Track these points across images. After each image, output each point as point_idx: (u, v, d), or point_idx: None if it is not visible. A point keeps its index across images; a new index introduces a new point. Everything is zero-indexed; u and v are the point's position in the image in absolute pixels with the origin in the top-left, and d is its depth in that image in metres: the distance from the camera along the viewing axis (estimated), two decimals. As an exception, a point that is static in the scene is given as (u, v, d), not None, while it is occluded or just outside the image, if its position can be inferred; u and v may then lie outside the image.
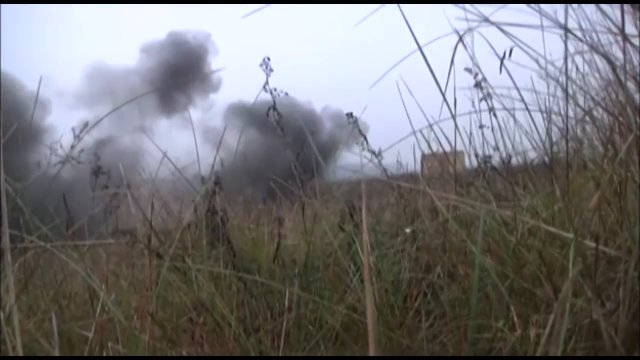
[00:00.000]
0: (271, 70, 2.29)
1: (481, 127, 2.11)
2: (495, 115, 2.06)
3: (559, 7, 1.35)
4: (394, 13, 1.43)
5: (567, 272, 1.11)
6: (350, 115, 2.38)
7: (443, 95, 1.44)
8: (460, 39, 1.43)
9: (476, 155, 2.16)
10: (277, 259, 1.99)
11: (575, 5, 1.44)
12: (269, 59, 2.30)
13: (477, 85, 2.06)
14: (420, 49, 1.35)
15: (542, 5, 1.30)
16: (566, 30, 1.19)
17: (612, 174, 1.22)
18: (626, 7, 1.25)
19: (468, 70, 1.98)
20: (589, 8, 1.40)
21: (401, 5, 1.41)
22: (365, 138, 2.43)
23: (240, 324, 1.57)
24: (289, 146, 2.31)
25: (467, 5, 1.33)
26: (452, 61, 1.45)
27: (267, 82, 2.29)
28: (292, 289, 1.68)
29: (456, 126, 1.69)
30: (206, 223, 1.91)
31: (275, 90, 2.32)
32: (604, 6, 1.30)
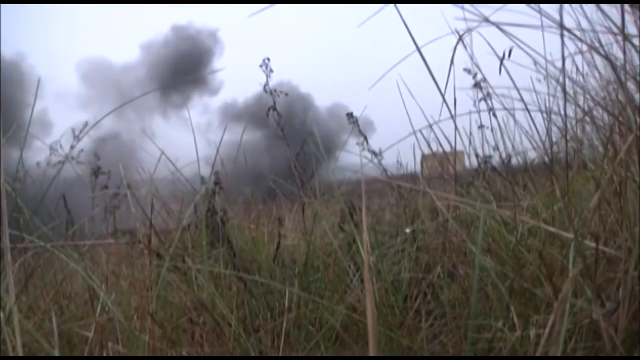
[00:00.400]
0: (271, 71, 2.29)
1: (481, 127, 2.12)
2: (495, 115, 2.06)
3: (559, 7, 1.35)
4: (396, 12, 1.43)
5: (567, 272, 1.11)
6: (350, 115, 2.37)
7: (442, 96, 1.45)
8: (460, 39, 1.43)
9: (476, 155, 2.16)
10: (277, 259, 1.99)
11: (575, 5, 1.44)
12: (268, 59, 2.30)
13: (477, 85, 2.06)
14: (418, 49, 1.35)
15: (542, 5, 1.29)
16: (562, 27, 1.19)
17: (612, 174, 1.22)
18: (626, 7, 1.24)
19: (467, 70, 1.98)
20: (589, 8, 1.40)
21: (402, 5, 1.41)
22: (365, 138, 2.42)
23: (240, 324, 1.57)
24: (289, 147, 2.30)
25: (467, 5, 1.33)
26: (451, 61, 1.45)
27: (267, 83, 2.29)
28: (292, 289, 1.68)
29: (455, 127, 1.69)
30: (206, 223, 1.91)
31: (275, 91, 2.32)
32: (604, 6, 1.30)
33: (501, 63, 1.52)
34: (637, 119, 1.18)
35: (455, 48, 1.43)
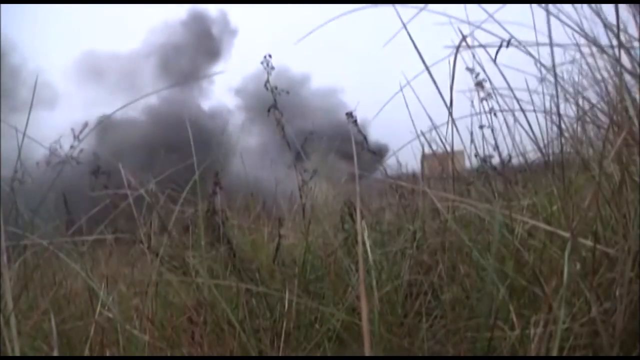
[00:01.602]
0: (272, 68, 2.28)
1: (481, 127, 2.11)
2: (495, 115, 2.05)
3: (561, 6, 1.35)
4: (398, 10, 1.43)
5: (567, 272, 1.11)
6: (350, 115, 2.36)
7: (443, 99, 1.44)
8: (464, 39, 1.43)
9: (476, 155, 2.15)
10: (277, 259, 1.99)
11: (576, 5, 1.44)
12: (270, 56, 2.29)
13: (478, 85, 2.05)
14: (420, 54, 1.35)
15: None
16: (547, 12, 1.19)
17: (611, 174, 1.22)
18: (627, 6, 1.25)
19: (470, 70, 1.97)
20: (589, 7, 1.40)
21: (405, 5, 1.41)
22: (365, 138, 2.41)
23: (240, 324, 1.57)
24: (289, 147, 2.30)
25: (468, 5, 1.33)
26: (454, 61, 1.45)
27: (268, 80, 2.28)
28: (291, 296, 1.67)
29: (455, 127, 1.68)
30: (206, 223, 1.91)
31: (276, 89, 2.31)
32: (605, 6, 1.30)
33: (497, 53, 1.51)
34: (637, 118, 1.18)
35: (457, 48, 1.43)
